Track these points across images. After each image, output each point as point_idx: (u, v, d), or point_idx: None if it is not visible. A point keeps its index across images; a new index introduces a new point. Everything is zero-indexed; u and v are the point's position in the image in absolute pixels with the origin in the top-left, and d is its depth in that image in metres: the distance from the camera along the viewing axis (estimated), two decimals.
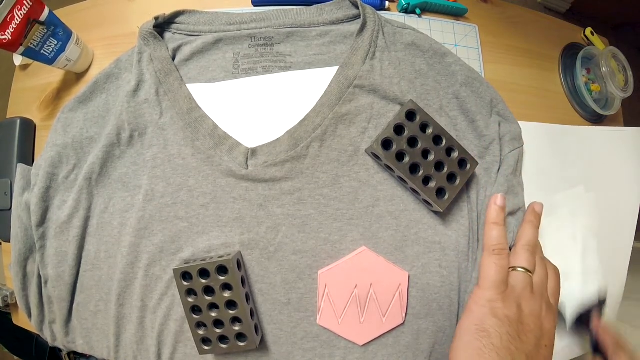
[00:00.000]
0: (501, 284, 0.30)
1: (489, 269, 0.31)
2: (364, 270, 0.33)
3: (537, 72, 0.48)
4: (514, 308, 0.29)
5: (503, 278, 0.31)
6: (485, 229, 0.33)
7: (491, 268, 0.31)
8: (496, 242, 0.32)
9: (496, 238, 0.32)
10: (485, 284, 0.31)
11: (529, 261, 0.32)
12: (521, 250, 0.33)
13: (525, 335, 0.29)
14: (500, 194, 0.34)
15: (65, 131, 0.35)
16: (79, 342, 0.34)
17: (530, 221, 0.35)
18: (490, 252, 0.32)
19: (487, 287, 0.30)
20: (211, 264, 0.30)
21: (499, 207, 0.33)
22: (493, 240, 0.32)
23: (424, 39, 0.37)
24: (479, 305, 0.30)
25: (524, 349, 0.28)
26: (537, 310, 0.31)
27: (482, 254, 0.33)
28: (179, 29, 0.37)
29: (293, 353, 0.33)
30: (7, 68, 0.47)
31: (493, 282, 0.30)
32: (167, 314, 0.33)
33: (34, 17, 0.34)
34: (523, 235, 0.34)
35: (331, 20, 0.37)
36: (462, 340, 0.29)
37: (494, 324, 0.28)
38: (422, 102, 0.36)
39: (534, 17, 0.52)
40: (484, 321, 0.29)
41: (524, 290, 0.31)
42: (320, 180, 0.34)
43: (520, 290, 0.31)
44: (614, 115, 0.50)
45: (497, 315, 0.29)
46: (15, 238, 0.34)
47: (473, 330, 0.29)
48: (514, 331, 0.28)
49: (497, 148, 0.36)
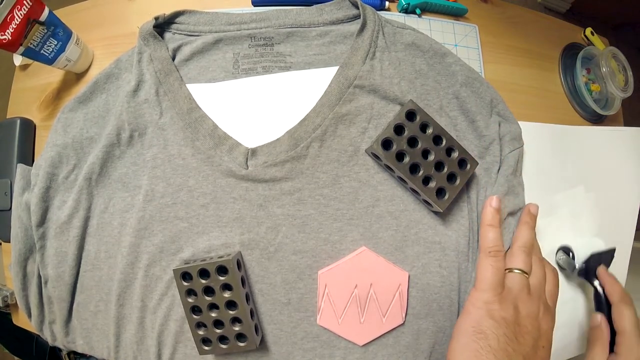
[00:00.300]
0: (498, 285, 0.30)
1: (485, 271, 0.31)
2: (364, 271, 0.33)
3: (537, 72, 0.48)
4: (510, 310, 0.29)
5: (499, 280, 0.31)
6: (481, 231, 0.33)
7: (487, 270, 0.31)
8: (492, 244, 0.32)
9: (492, 240, 0.32)
10: (482, 285, 0.31)
11: (525, 262, 0.32)
12: (517, 252, 0.33)
13: (523, 336, 0.29)
14: (495, 196, 0.34)
15: (65, 131, 0.35)
16: (78, 342, 0.34)
17: (526, 222, 0.35)
18: (486, 254, 0.32)
19: (483, 289, 0.30)
20: (211, 264, 0.30)
21: (495, 209, 0.33)
22: (489, 242, 0.32)
23: (424, 39, 0.37)
24: (475, 307, 0.30)
25: (521, 351, 0.28)
26: (534, 311, 0.31)
27: (479, 256, 0.33)
28: (179, 29, 0.37)
29: (293, 353, 0.33)
30: (7, 68, 0.47)
31: (489, 283, 0.30)
32: (167, 314, 0.33)
33: (34, 17, 0.34)
34: (519, 236, 0.34)
35: (331, 20, 0.37)
36: (459, 342, 0.29)
37: (490, 326, 0.28)
38: (422, 102, 0.36)
39: (534, 17, 0.51)
40: (480, 323, 0.29)
41: (520, 291, 0.31)
42: (320, 180, 0.34)
43: (517, 292, 0.31)
44: (614, 115, 0.50)
45: (493, 317, 0.29)
46: (15, 238, 0.34)
47: (470, 332, 0.29)
48: (511, 333, 0.28)
49: (497, 148, 0.36)
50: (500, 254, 0.32)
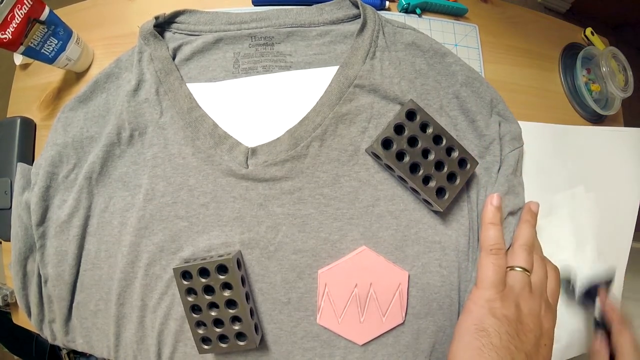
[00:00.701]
0: (499, 283, 0.30)
1: (487, 269, 0.31)
2: (364, 270, 0.33)
3: (537, 72, 0.48)
4: (512, 308, 0.29)
5: (501, 278, 0.31)
6: (482, 229, 0.34)
7: (489, 268, 0.31)
8: (493, 242, 0.32)
9: (493, 238, 0.32)
10: (484, 284, 0.31)
11: (527, 260, 0.32)
12: (519, 250, 0.33)
13: (525, 334, 0.29)
14: (496, 194, 0.34)
15: (66, 130, 0.35)
16: (78, 341, 0.34)
17: (527, 220, 0.35)
18: (487, 252, 0.32)
19: (485, 287, 0.30)
20: (211, 263, 0.30)
21: (495, 207, 0.33)
22: (490, 240, 0.32)
23: (424, 38, 0.37)
24: (477, 306, 0.30)
25: (524, 348, 0.28)
26: (536, 309, 0.31)
27: (480, 254, 0.33)
28: (180, 28, 0.37)
29: (293, 352, 0.33)
30: (7, 67, 0.47)
31: (491, 282, 0.30)
32: (167, 313, 0.33)
33: (35, 17, 0.34)
34: (520, 234, 0.34)
35: (331, 20, 0.37)
36: (461, 341, 0.29)
37: (492, 324, 0.28)
38: (422, 101, 0.36)
39: (534, 17, 0.52)
40: (483, 321, 0.29)
41: (522, 290, 0.31)
42: (321, 179, 0.34)
43: (519, 290, 0.31)
44: (614, 115, 0.50)
45: (495, 315, 0.29)
46: (15, 237, 0.34)
47: (472, 330, 0.29)
48: (513, 330, 0.29)
49: (497, 148, 0.36)
50: (502, 251, 0.32)
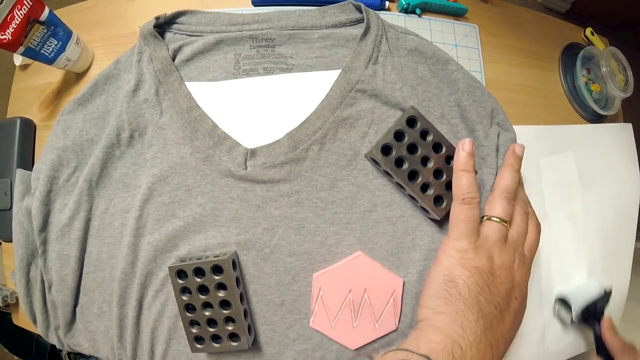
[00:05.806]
0: (471, 234, 0.29)
1: (458, 220, 0.30)
2: (359, 275, 0.33)
3: (537, 72, 0.48)
4: (484, 259, 0.28)
5: (473, 228, 0.29)
6: (454, 177, 0.31)
7: (460, 219, 0.30)
8: (466, 191, 0.30)
9: (466, 187, 0.30)
10: (455, 234, 0.29)
11: (505, 210, 0.30)
12: (497, 198, 0.31)
13: (495, 286, 0.28)
14: (468, 139, 0.31)
15: (65, 134, 0.34)
16: (84, 345, 0.34)
17: (510, 165, 0.32)
18: (459, 201, 0.30)
19: (456, 238, 0.29)
20: (206, 263, 0.30)
21: (467, 153, 0.31)
22: (462, 188, 0.30)
23: (427, 45, 0.37)
24: (447, 255, 0.29)
25: (493, 300, 0.28)
26: (508, 262, 0.30)
27: (452, 203, 0.31)
28: (180, 29, 0.37)
29: (285, 354, 0.33)
30: (7, 68, 0.47)
31: (462, 232, 0.29)
32: (161, 311, 0.33)
33: (34, 17, 0.34)
34: (501, 180, 0.32)
35: (334, 23, 0.37)
36: (430, 289, 0.29)
37: (461, 274, 0.28)
38: (423, 108, 0.35)
39: (534, 17, 0.51)
40: (451, 271, 0.28)
41: (496, 241, 0.30)
42: (319, 183, 0.34)
43: (493, 241, 0.29)
44: (614, 115, 0.49)
45: (465, 266, 0.28)
46: (17, 244, 0.33)
47: (441, 279, 0.28)
48: (483, 282, 0.28)
49: (494, 160, 0.35)
50: (475, 200, 0.30)
